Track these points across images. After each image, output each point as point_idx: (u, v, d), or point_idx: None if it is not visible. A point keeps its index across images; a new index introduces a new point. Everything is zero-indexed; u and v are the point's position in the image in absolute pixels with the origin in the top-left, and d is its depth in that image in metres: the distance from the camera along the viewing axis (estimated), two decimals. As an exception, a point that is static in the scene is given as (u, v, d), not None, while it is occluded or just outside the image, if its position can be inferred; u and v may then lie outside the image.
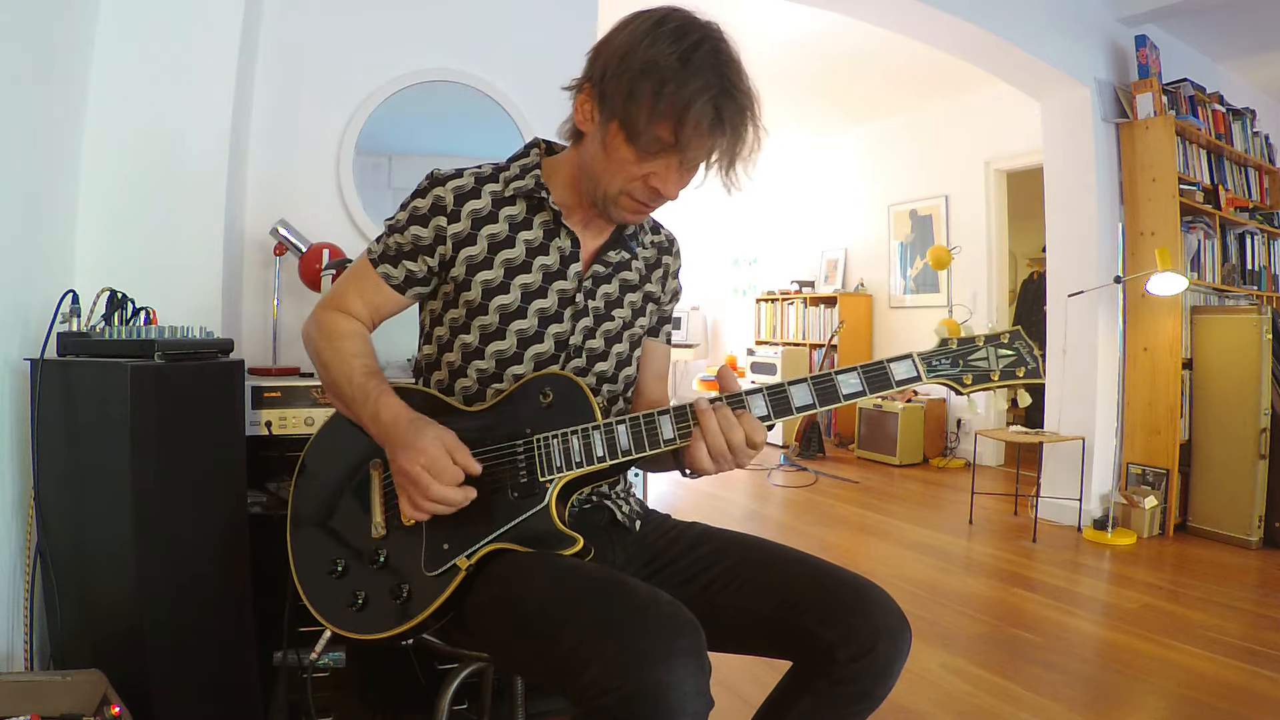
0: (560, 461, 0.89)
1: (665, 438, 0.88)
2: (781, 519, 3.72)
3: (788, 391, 0.88)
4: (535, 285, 0.98)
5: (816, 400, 0.88)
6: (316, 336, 1.00)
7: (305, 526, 0.97)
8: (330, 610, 0.90)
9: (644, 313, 1.10)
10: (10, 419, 1.27)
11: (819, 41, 4.22)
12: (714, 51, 0.86)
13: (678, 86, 0.83)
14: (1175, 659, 2.07)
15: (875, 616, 0.86)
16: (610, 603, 0.77)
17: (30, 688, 1.04)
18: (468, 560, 0.87)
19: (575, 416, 0.91)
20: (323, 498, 0.98)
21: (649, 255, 1.11)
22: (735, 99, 0.87)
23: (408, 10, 2.09)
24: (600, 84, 0.89)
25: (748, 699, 1.75)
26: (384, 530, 0.91)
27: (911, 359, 0.88)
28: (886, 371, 0.88)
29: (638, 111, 0.85)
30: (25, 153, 1.33)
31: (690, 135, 0.85)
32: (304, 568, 0.95)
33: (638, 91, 0.85)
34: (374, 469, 0.95)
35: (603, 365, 1.03)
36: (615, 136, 0.88)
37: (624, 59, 0.86)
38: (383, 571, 0.90)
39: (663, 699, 0.67)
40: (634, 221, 1.00)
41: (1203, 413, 3.36)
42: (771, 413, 0.88)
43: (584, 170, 0.96)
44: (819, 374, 0.88)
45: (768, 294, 6.46)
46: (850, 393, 0.88)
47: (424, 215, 0.97)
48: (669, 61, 0.83)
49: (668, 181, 0.91)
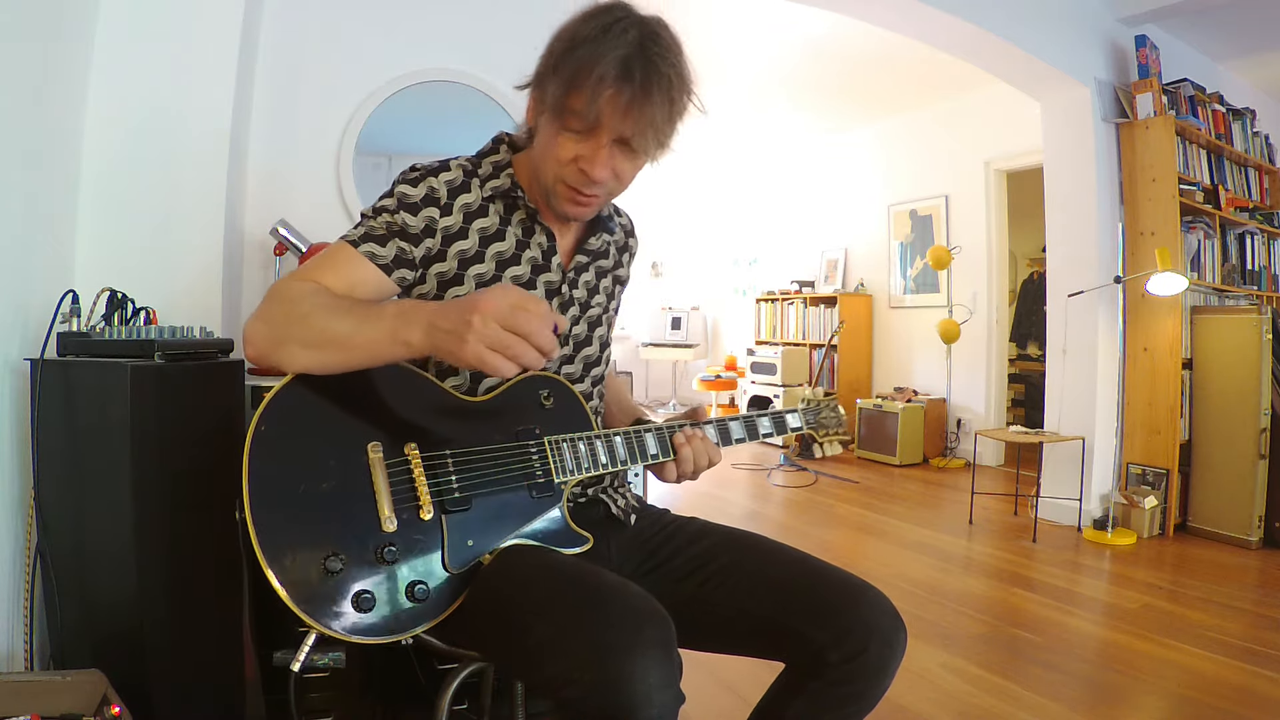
0: (573, 465, 0.93)
1: (650, 453, 0.99)
2: (781, 519, 3.72)
3: (728, 426, 1.08)
4: (525, 277, 0.99)
5: (747, 434, 1.10)
6: (279, 301, 0.83)
7: (277, 515, 0.79)
8: (325, 611, 0.77)
9: (614, 295, 1.14)
10: (10, 419, 1.27)
11: (819, 42, 4.22)
12: (639, 26, 0.84)
13: (588, 52, 0.82)
14: (1175, 659, 2.07)
15: (867, 617, 0.86)
16: (580, 595, 0.77)
17: (30, 688, 1.04)
18: (490, 556, 0.87)
19: (574, 421, 0.97)
20: (300, 480, 0.81)
21: (617, 238, 1.14)
22: (649, 57, 0.82)
23: (407, 10, 2.09)
24: (537, 75, 0.90)
25: (747, 699, 1.75)
26: (394, 524, 0.81)
27: None
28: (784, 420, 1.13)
29: (557, 85, 0.85)
30: (25, 153, 1.33)
31: (600, 99, 0.82)
32: (282, 563, 0.77)
33: (560, 68, 0.84)
34: (373, 451, 0.83)
35: (589, 350, 1.06)
36: (546, 120, 0.89)
37: (553, 44, 0.87)
38: (396, 568, 0.81)
39: (627, 690, 0.67)
40: (576, 215, 0.96)
41: (1203, 413, 3.36)
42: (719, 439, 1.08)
43: (533, 165, 0.97)
44: (746, 414, 1.11)
45: (768, 294, 6.46)
46: (739, 437, 1.09)
47: (415, 204, 0.92)
48: (587, 35, 0.83)
49: (595, 162, 0.87)
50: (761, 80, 4.86)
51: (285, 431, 0.82)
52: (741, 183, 7.18)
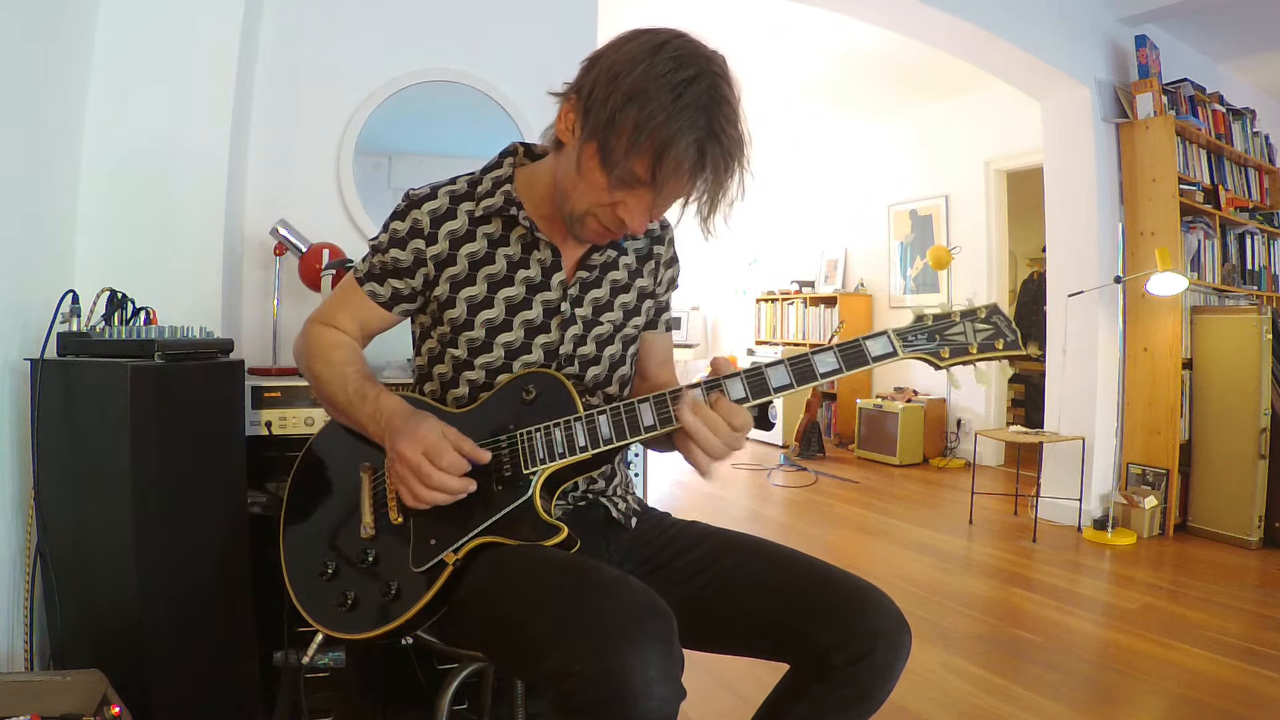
0: (543, 453, 0.89)
1: (645, 424, 0.87)
2: (781, 519, 3.72)
3: (765, 374, 0.86)
4: (519, 298, 0.98)
5: (794, 379, 0.86)
6: (306, 351, 1.01)
7: (297, 529, 1.00)
8: (321, 612, 0.92)
9: (638, 311, 1.08)
10: (10, 419, 1.27)
11: (819, 42, 4.22)
12: (709, 89, 0.81)
13: (663, 122, 0.78)
14: (1175, 659, 2.07)
15: (873, 619, 0.85)
16: (580, 588, 0.77)
17: (30, 688, 1.04)
18: (454, 555, 0.87)
19: (558, 410, 0.91)
20: (314, 503, 1.00)
21: (639, 247, 1.08)
22: (722, 143, 0.82)
23: (407, 10, 2.08)
24: (586, 99, 0.85)
25: (748, 699, 1.75)
26: (373, 530, 0.93)
27: (887, 335, 0.85)
28: (862, 349, 0.85)
29: (617, 140, 0.81)
30: (25, 153, 1.33)
31: (668, 175, 0.81)
32: (295, 570, 0.97)
33: (620, 119, 0.80)
34: (364, 471, 0.96)
35: (595, 369, 1.03)
36: (591, 159, 0.85)
37: (613, 80, 0.81)
38: (371, 571, 0.91)
39: (628, 682, 0.66)
40: (598, 243, 0.97)
41: (1203, 413, 3.36)
42: (749, 394, 0.86)
43: (557, 183, 0.94)
44: (795, 355, 0.87)
45: (768, 294, 6.46)
46: (827, 371, 0.85)
47: (402, 239, 0.98)
48: (658, 94, 0.78)
49: (635, 214, 0.88)
50: (761, 80, 4.86)
51: (311, 466, 1.04)
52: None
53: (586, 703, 0.67)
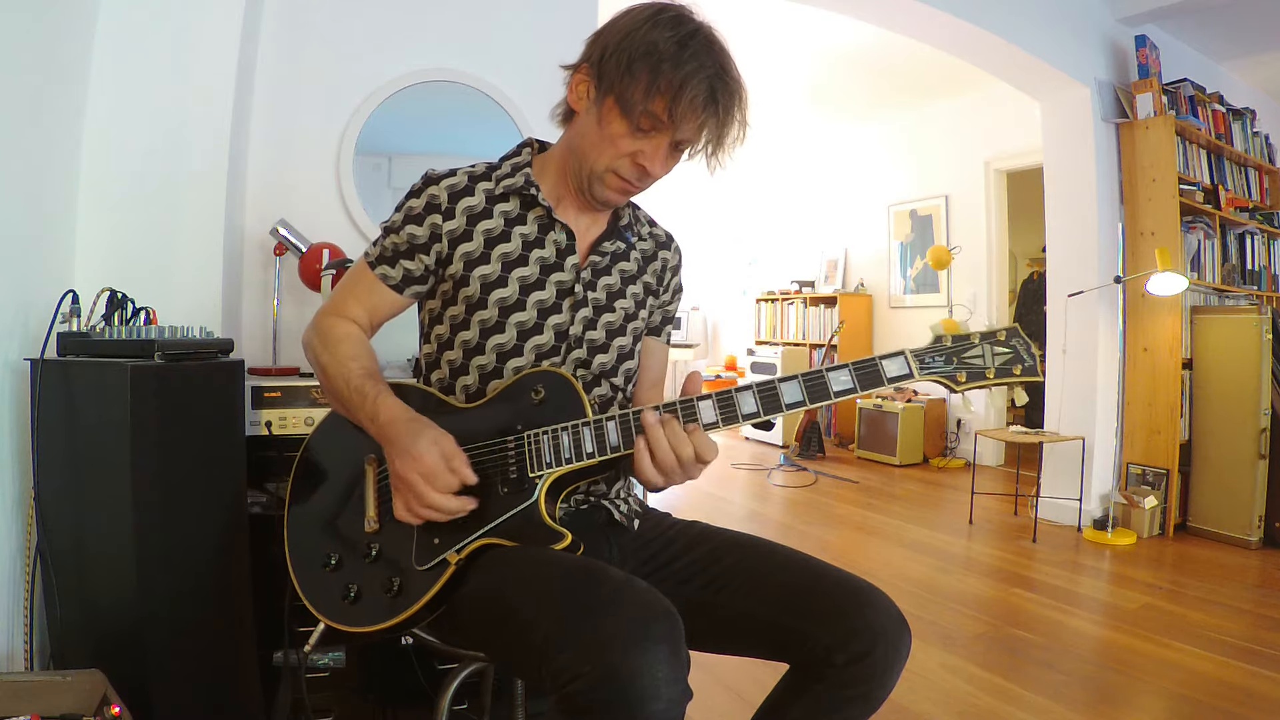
0: (550, 457, 0.89)
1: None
2: (781, 519, 3.72)
3: (778, 389, 0.86)
4: (533, 277, 0.99)
5: (806, 397, 0.85)
6: (315, 342, 1.01)
7: (300, 520, 1.00)
8: (323, 602, 0.92)
9: (644, 305, 1.10)
10: (10, 419, 1.27)
11: (819, 43, 4.22)
12: (709, 40, 0.91)
13: (674, 66, 0.88)
14: (1175, 659, 2.07)
15: (873, 619, 0.86)
16: (585, 589, 0.76)
17: (30, 688, 1.04)
18: (457, 555, 0.87)
19: (566, 412, 0.90)
20: (318, 492, 1.00)
21: (646, 247, 1.13)
22: (728, 83, 0.91)
23: (407, 10, 2.08)
24: (599, 64, 0.93)
25: (748, 699, 1.75)
26: (377, 524, 0.93)
27: (904, 356, 0.86)
28: (878, 368, 0.85)
29: (635, 88, 0.89)
30: (25, 153, 1.33)
31: (684, 112, 0.89)
32: (299, 561, 0.97)
33: (635, 69, 0.89)
34: (369, 464, 0.96)
35: (603, 357, 1.04)
36: (610, 111, 0.92)
37: (624, 39, 0.91)
38: (375, 565, 0.91)
39: (634, 683, 0.66)
40: (617, 202, 1.02)
41: (1203, 413, 3.36)
42: (761, 409, 0.86)
43: (572, 150, 0.99)
44: (810, 371, 0.87)
45: (768, 294, 6.46)
46: (841, 390, 0.85)
47: (419, 214, 0.99)
48: (667, 45, 0.88)
49: (655, 160, 0.94)
50: (761, 80, 4.86)
51: (315, 457, 1.03)
52: (741, 183, 7.18)
53: (593, 704, 0.67)
